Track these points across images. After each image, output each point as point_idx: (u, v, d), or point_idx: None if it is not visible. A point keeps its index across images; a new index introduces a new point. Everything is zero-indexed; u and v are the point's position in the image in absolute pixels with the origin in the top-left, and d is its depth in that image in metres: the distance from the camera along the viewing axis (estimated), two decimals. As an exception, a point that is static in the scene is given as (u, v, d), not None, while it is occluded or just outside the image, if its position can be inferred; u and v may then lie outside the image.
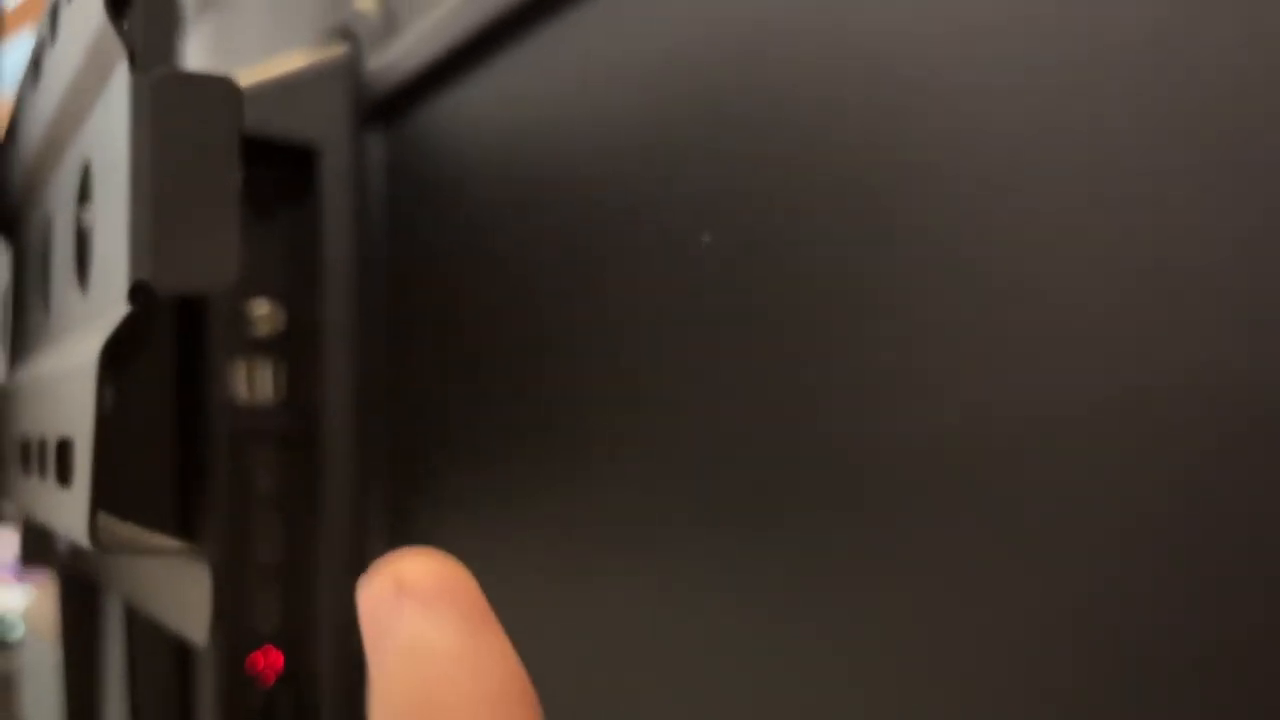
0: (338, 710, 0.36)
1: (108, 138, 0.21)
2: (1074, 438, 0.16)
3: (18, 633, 1.02)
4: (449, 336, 0.33)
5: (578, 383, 0.26)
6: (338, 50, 0.35)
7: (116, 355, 0.20)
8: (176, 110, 0.19)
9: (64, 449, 0.22)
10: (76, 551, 0.30)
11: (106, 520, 0.21)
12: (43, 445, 0.24)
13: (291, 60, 0.35)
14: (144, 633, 0.36)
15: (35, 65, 0.30)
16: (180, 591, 0.20)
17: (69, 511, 0.21)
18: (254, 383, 0.36)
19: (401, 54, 0.33)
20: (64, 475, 0.22)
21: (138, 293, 0.19)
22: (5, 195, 0.37)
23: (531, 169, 0.28)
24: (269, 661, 0.37)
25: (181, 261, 0.19)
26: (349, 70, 0.35)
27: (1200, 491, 0.14)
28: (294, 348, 0.36)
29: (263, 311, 0.36)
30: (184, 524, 0.35)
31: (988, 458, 0.17)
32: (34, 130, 0.30)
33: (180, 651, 0.37)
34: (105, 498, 0.20)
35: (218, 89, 0.19)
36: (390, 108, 0.35)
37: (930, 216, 0.18)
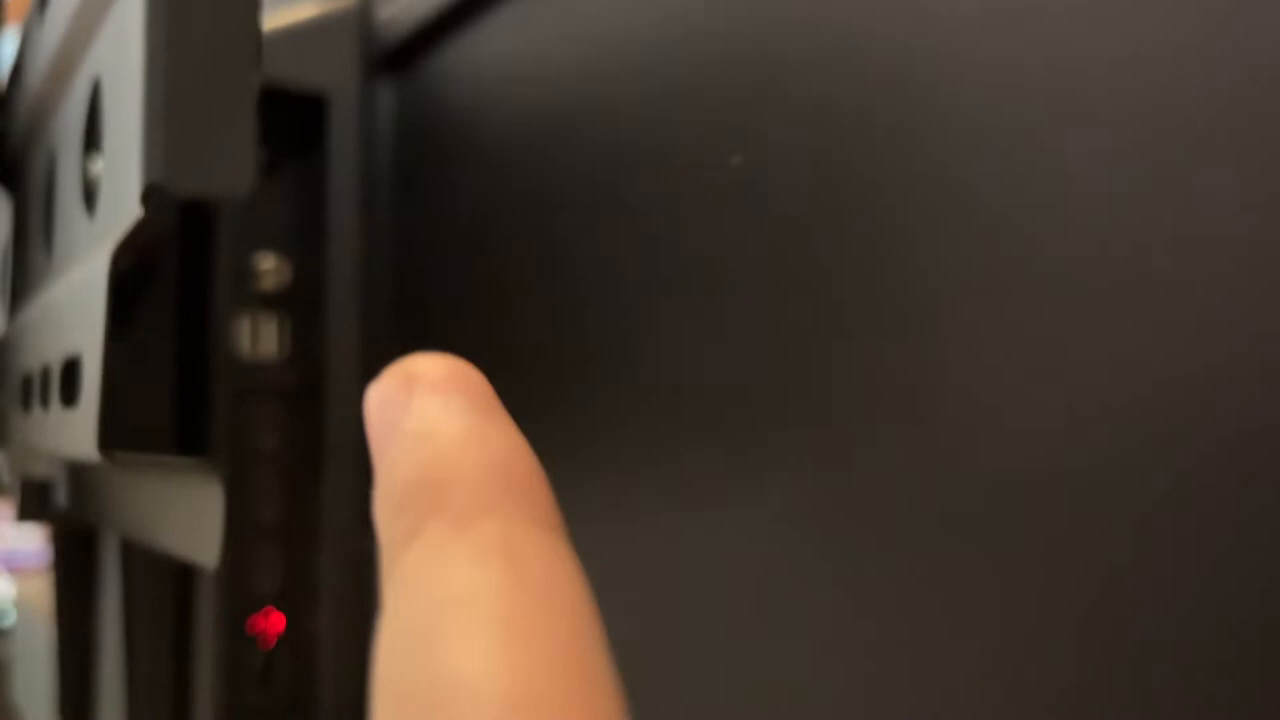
0: (339, 673, 0.35)
1: (120, 47, 0.20)
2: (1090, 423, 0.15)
3: (9, 620, 1.01)
4: (459, 290, 0.32)
5: (603, 329, 0.26)
6: (348, -1, 0.34)
7: (125, 276, 0.19)
8: (193, 8, 0.18)
9: (69, 370, 0.21)
10: (75, 496, 0.29)
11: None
12: (46, 373, 0.23)
13: (301, 9, 0.34)
14: (143, 592, 0.35)
15: (41, 2, 0.29)
16: (189, 513, 0.19)
17: (76, 429, 0.20)
18: (258, 338, 0.35)
19: (413, 0, 0.32)
20: (69, 395, 0.21)
21: (151, 196, 0.18)
22: (6, 143, 0.36)
23: (548, 113, 0.28)
24: (269, 623, 0.36)
25: (197, 163, 0.18)
26: (359, 18, 0.34)
27: (1207, 492, 0.14)
28: (299, 303, 0.36)
29: (268, 265, 0.35)
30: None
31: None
32: (38, 65, 0.29)
33: (179, 613, 0.36)
34: (110, 431, 0.19)
35: (236, -11, 0.19)
36: (401, 56, 0.34)
37: (961, 146, 0.17)
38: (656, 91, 0.24)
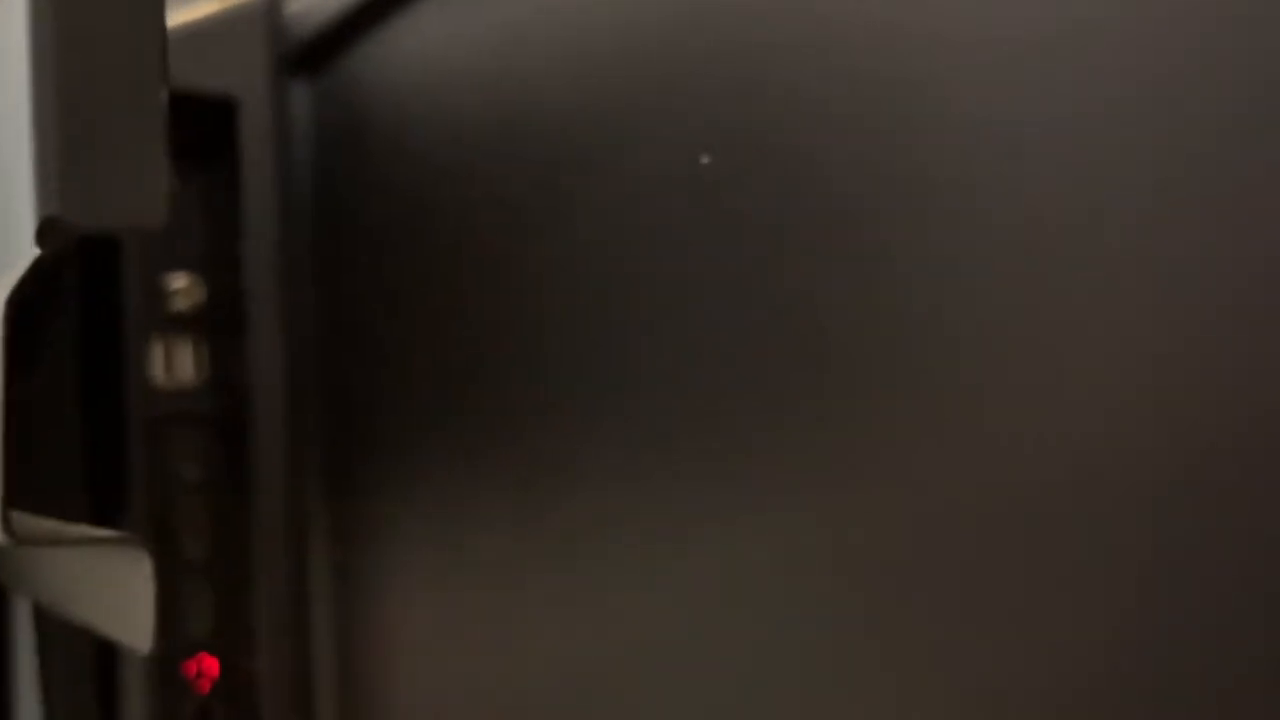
0: (279, 718, 0.33)
1: (3, 51, 0.18)
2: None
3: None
4: (387, 303, 0.30)
5: (542, 335, 0.24)
6: (254, -7, 0.32)
7: (22, 319, 0.16)
8: (86, 12, 0.16)
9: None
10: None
11: (18, 514, 0.17)
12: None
13: (204, 6, 0.31)
14: (61, 642, 0.32)
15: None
16: (114, 592, 0.17)
17: (-28, 501, 0.17)
18: (173, 363, 0.33)
19: (326, -7, 0.30)
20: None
21: (47, 231, 0.16)
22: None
23: (483, 109, 0.26)
24: (203, 668, 0.34)
25: (99, 191, 0.16)
26: (268, 15, 0.31)
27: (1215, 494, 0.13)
28: (216, 323, 0.33)
29: (180, 284, 0.32)
30: (100, 521, 0.31)
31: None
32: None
33: (102, 662, 0.34)
34: (13, 489, 0.16)
35: (135, -12, 0.16)
36: (314, 55, 0.31)
37: (937, 138, 0.16)
38: (608, 85, 0.22)
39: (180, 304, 0.32)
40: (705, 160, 0.19)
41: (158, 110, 0.16)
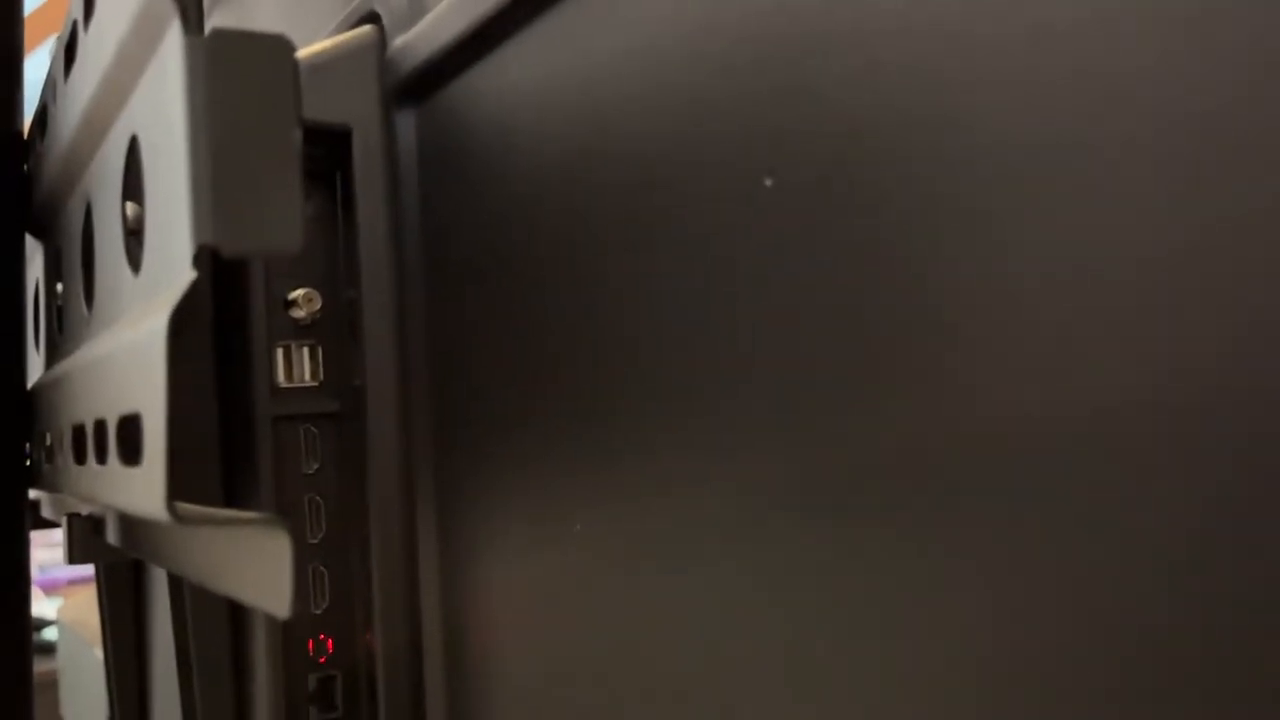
0: (394, 697, 0.35)
1: (159, 104, 0.20)
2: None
3: (52, 637, 1.01)
4: (486, 310, 0.32)
5: (634, 347, 0.25)
6: (365, 31, 0.34)
7: (178, 329, 0.18)
8: (234, 66, 0.18)
9: (127, 427, 0.21)
10: (129, 538, 0.29)
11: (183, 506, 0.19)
12: (100, 428, 0.23)
13: (318, 44, 0.34)
14: (196, 618, 0.35)
15: (69, 51, 0.29)
16: (256, 564, 0.19)
17: (140, 489, 0.19)
18: (293, 367, 0.35)
19: (430, 29, 0.32)
20: (129, 454, 0.21)
21: (202, 257, 0.18)
22: (35, 191, 0.35)
23: (571, 136, 0.27)
24: (322, 644, 0.36)
25: (246, 222, 0.18)
26: (376, 49, 0.34)
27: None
28: (332, 331, 0.35)
29: (300, 295, 0.35)
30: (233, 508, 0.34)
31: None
32: (69, 118, 0.28)
33: (233, 638, 0.36)
34: (176, 479, 0.18)
35: (273, 44, 0.18)
36: (420, 85, 0.33)
37: (1000, 168, 0.17)
38: (684, 114, 0.23)
39: (299, 313, 0.35)
40: (768, 183, 0.21)
41: (293, 151, 0.18)
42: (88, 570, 0.63)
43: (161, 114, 0.20)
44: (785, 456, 0.21)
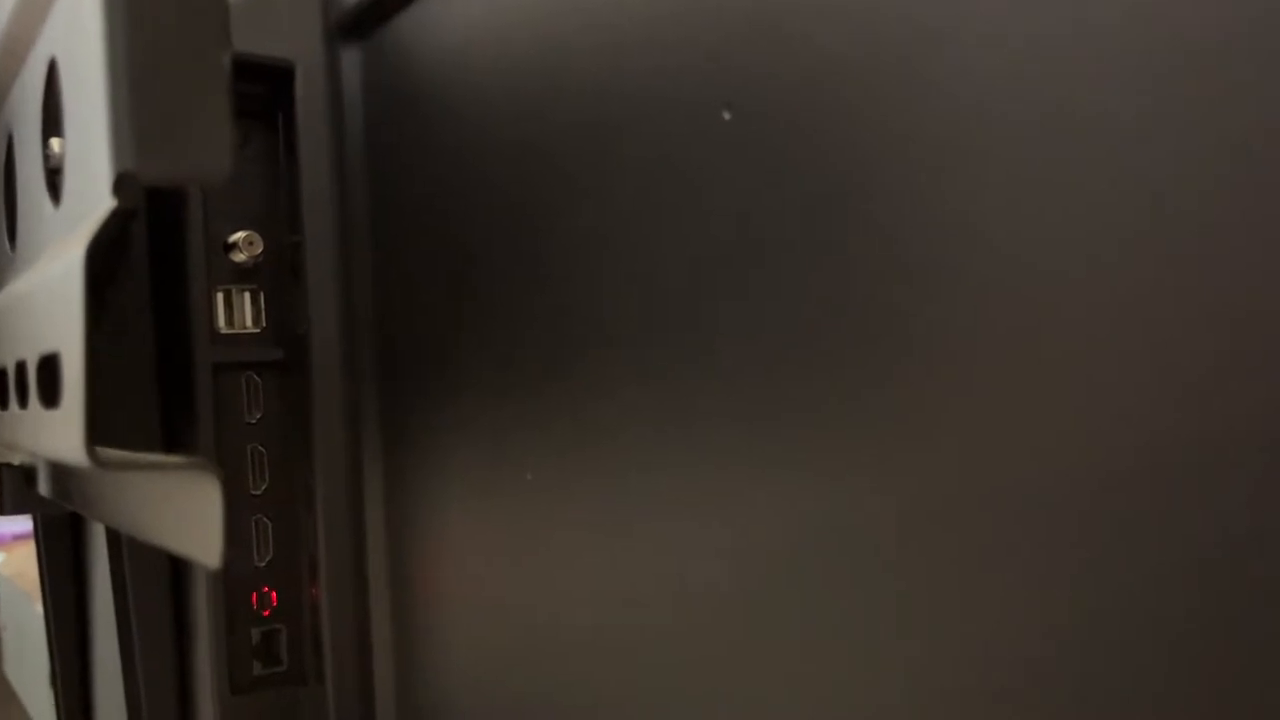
0: (339, 644, 0.34)
1: (76, 22, 0.18)
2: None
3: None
4: (435, 251, 0.31)
5: (587, 287, 0.24)
6: (306, -39, 0.32)
7: (99, 267, 0.17)
8: (154, -19, 0.17)
9: (47, 367, 0.20)
10: (60, 488, 0.28)
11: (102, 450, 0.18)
12: (21, 370, 0.22)
13: (257, -26, 0.32)
14: (135, 572, 0.34)
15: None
16: (185, 512, 0.18)
17: (60, 431, 0.18)
18: (234, 312, 0.34)
19: (375, -40, 0.30)
20: (49, 396, 0.20)
21: (123, 185, 0.17)
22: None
23: (523, 71, 0.26)
24: (265, 597, 0.35)
25: (170, 148, 0.16)
26: (319, -18, 0.32)
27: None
28: (275, 276, 0.34)
29: (240, 238, 0.33)
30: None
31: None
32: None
33: (174, 592, 0.35)
34: (94, 423, 0.17)
35: (199, -43, 0.17)
36: (365, 19, 0.32)
37: (961, 97, 0.16)
38: (639, 46, 0.22)
39: (240, 256, 0.33)
40: (727, 116, 0.20)
41: (222, 72, 0.17)
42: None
43: (79, 33, 0.18)
44: (739, 400, 0.20)
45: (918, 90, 0.17)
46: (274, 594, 0.35)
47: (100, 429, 0.18)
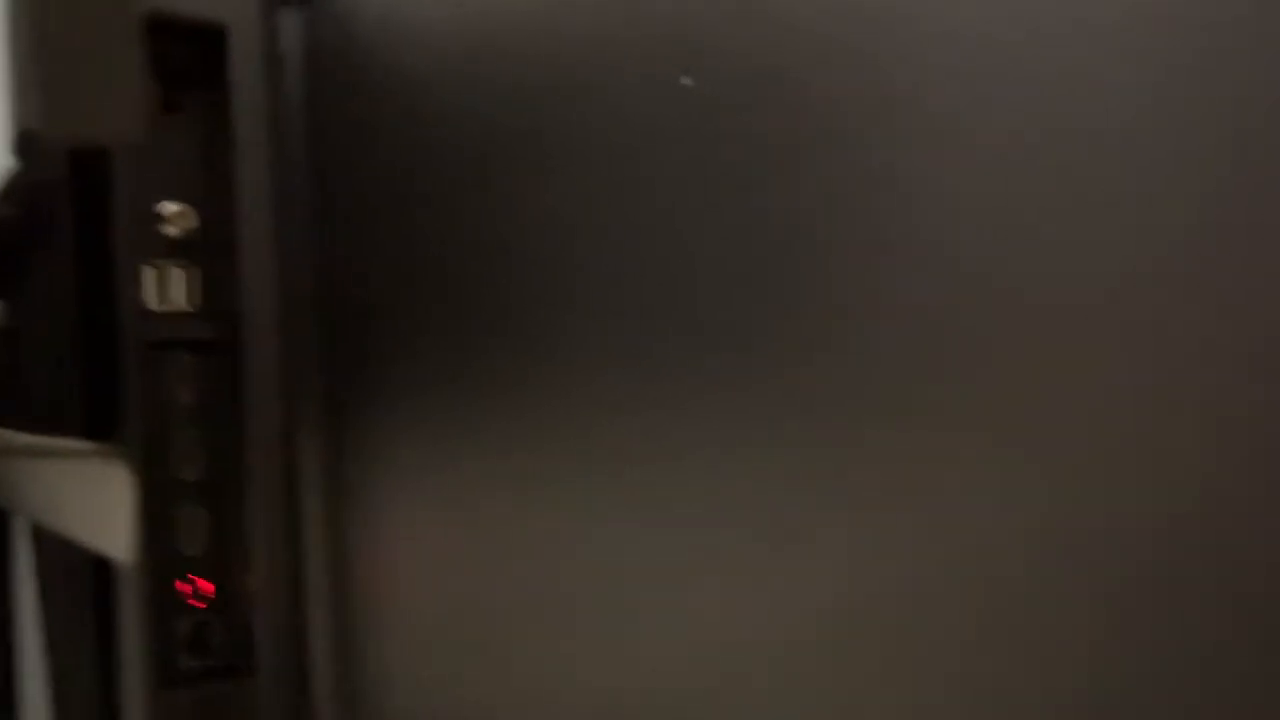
0: (274, 635, 0.33)
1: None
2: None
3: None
4: (379, 226, 0.29)
5: (541, 259, 0.23)
6: (243, -82, 0.31)
7: (14, 236, 0.16)
8: (60, -78, 0.15)
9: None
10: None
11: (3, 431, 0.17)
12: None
13: (191, -69, 0.30)
14: (58, 563, 0.32)
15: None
16: (97, 504, 0.16)
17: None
18: (166, 289, 0.32)
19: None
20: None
21: (25, 144, 0.15)
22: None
23: (474, 33, 0.25)
24: (197, 587, 0.33)
25: (76, 106, 0.15)
26: (257, -60, 0.30)
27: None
28: (209, 250, 0.32)
29: (172, 211, 0.32)
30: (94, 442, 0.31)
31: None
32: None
33: (100, 581, 0.33)
34: (5, 409, 0.16)
35: (110, -102, 0.15)
36: (305, -18, 0.30)
37: (922, 61, 0.15)
38: (596, 11, 0.21)
39: (173, 231, 0.32)
40: (686, 82, 0.19)
41: (132, 26, 0.15)
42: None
43: (-18, -19, 0.17)
44: (701, 361, 0.19)
45: (884, 57, 0.16)
46: (210, 585, 0.34)
47: (22, 413, 0.16)
